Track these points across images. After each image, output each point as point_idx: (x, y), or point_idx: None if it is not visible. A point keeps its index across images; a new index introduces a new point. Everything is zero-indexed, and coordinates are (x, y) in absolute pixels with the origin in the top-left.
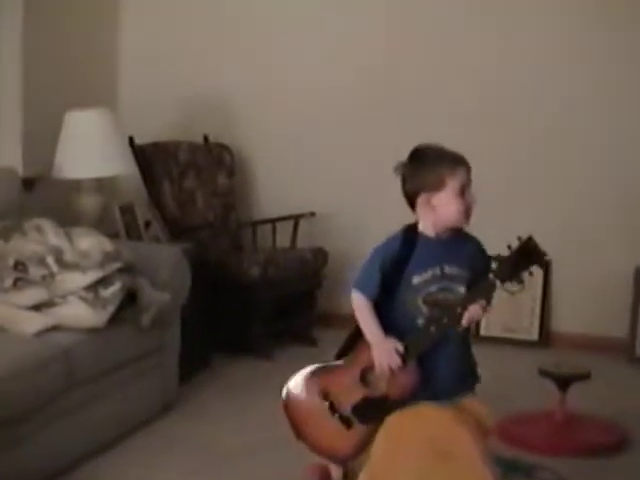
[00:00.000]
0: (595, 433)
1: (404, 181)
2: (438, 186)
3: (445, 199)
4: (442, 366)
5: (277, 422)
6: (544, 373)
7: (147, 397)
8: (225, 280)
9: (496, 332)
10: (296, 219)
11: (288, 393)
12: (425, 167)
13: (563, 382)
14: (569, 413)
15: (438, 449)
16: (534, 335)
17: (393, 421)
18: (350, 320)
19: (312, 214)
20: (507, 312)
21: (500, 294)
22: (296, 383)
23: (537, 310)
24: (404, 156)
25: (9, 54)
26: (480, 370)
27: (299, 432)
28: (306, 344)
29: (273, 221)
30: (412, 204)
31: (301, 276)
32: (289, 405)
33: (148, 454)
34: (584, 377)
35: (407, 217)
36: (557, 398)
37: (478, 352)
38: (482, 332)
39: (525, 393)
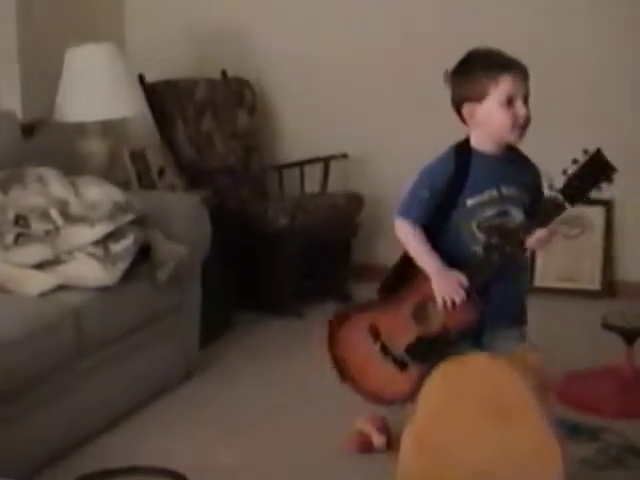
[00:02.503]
0: None
1: (451, 90)
2: (480, 96)
3: (489, 110)
4: (506, 297)
5: (307, 385)
6: (608, 326)
7: (165, 362)
8: (249, 231)
9: (552, 282)
10: (326, 162)
11: (332, 329)
12: (469, 74)
13: (630, 335)
14: (636, 370)
15: (494, 407)
16: (596, 284)
17: (440, 374)
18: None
19: (344, 156)
20: (565, 259)
21: (559, 241)
22: (341, 318)
23: (599, 256)
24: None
25: None
26: (536, 324)
27: (344, 374)
28: (341, 300)
29: (301, 164)
30: (461, 117)
31: (333, 224)
32: (334, 343)
33: (167, 424)
34: None
35: None
36: (624, 353)
37: (533, 305)
38: (536, 282)
39: (587, 349)
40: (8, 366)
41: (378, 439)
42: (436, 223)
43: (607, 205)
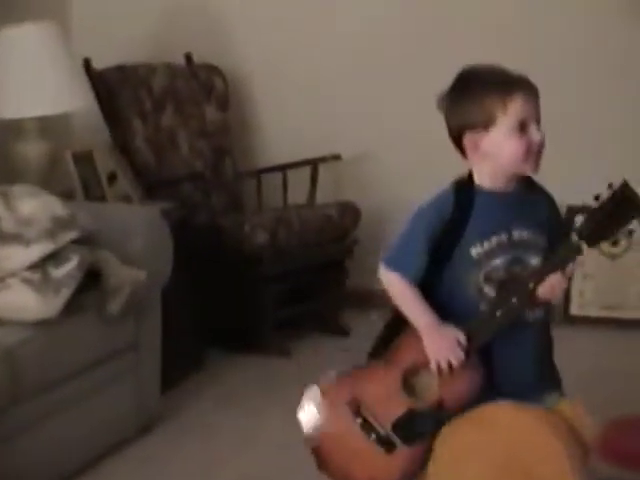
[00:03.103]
0: None
1: (447, 118)
2: (486, 123)
3: (498, 139)
4: (516, 361)
5: (292, 445)
6: None
7: (119, 411)
8: (221, 251)
9: (594, 311)
10: (315, 165)
11: (306, 409)
12: (468, 98)
13: None
14: None
15: (516, 464)
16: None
17: (454, 430)
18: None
19: (337, 157)
20: (608, 283)
21: (598, 260)
22: (316, 394)
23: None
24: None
25: None
26: (571, 363)
27: (322, 459)
28: (334, 333)
29: (284, 168)
30: (460, 148)
31: (324, 241)
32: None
33: None
34: None
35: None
36: None
37: (569, 337)
38: (573, 311)
39: (636, 391)
40: None
41: None
42: (434, 275)
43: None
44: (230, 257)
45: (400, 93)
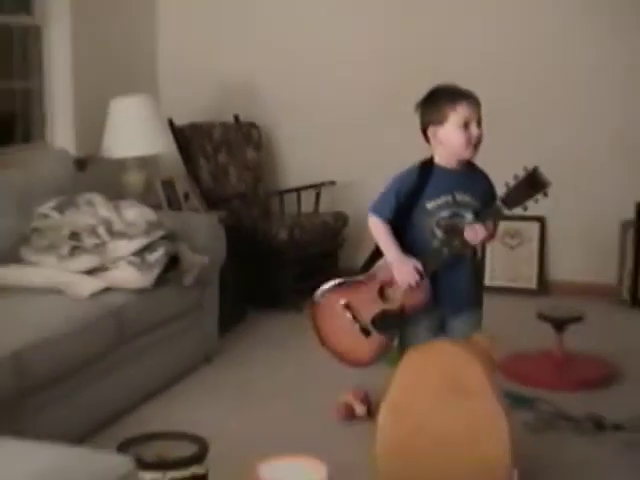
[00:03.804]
0: (588, 369)
1: (420, 117)
2: (442, 120)
3: (448, 132)
4: (453, 285)
5: (307, 366)
6: (542, 317)
7: (190, 349)
8: (256, 243)
9: (500, 282)
10: (318, 188)
11: (314, 303)
12: (432, 103)
13: (559, 324)
14: (565, 352)
15: (454, 384)
16: (533, 284)
17: (412, 356)
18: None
19: (332, 183)
20: (509, 264)
21: (501, 249)
22: (322, 294)
23: (535, 261)
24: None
25: (60, 46)
26: (486, 315)
27: (323, 339)
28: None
29: (297, 190)
30: (426, 138)
31: (323, 238)
32: (315, 314)
33: (192, 399)
34: (578, 319)
35: None
36: (554, 339)
37: (485, 300)
38: (487, 283)
39: (526, 335)
40: (64, 352)
41: (360, 409)
42: (402, 220)
43: (540, 221)
44: (263, 248)
45: (379, 141)
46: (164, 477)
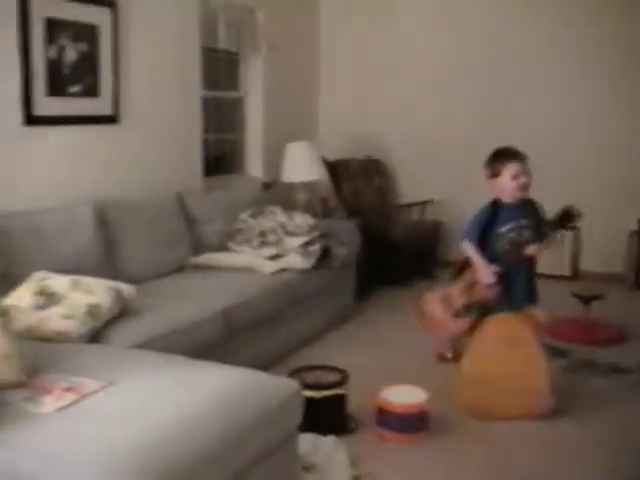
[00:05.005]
0: (606, 331)
1: (486, 171)
2: (497, 174)
3: (502, 183)
4: (516, 286)
5: (415, 326)
6: (574, 295)
7: (335, 311)
8: (381, 240)
9: (546, 271)
10: (422, 204)
11: (421, 305)
12: (492, 162)
13: (586, 300)
14: (590, 319)
15: (511, 339)
16: (568, 272)
17: (484, 326)
18: (455, 265)
19: (432, 201)
20: (552, 258)
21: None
22: (425, 298)
23: (569, 256)
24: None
25: (254, 111)
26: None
27: (421, 318)
28: (430, 278)
29: (409, 205)
30: (491, 185)
31: (426, 237)
32: (422, 313)
33: (335, 345)
34: (599, 297)
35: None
36: (582, 310)
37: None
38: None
39: (563, 307)
40: (255, 309)
41: (450, 355)
42: (484, 241)
43: (574, 229)
44: (385, 243)
45: (466, 170)
46: (319, 394)
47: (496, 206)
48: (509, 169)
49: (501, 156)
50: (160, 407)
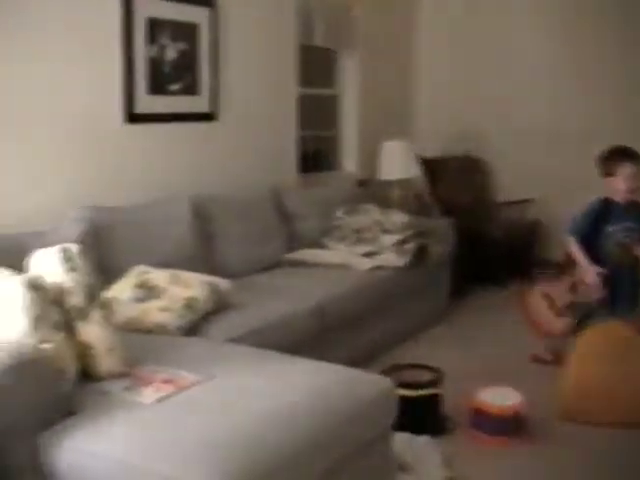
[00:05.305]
0: None
1: (599, 170)
2: (612, 173)
3: (616, 182)
4: (619, 292)
5: (511, 325)
6: None
7: (428, 310)
8: (478, 239)
9: None
10: (522, 202)
11: (523, 299)
12: (607, 161)
13: None
14: None
15: (617, 346)
16: None
17: (593, 329)
18: (554, 264)
19: (531, 200)
20: None
21: None
22: (529, 294)
23: None
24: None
25: (350, 108)
26: None
27: (528, 321)
28: (528, 278)
29: (509, 204)
30: (605, 183)
31: (525, 236)
32: (524, 306)
33: (429, 344)
34: None
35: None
36: None
37: None
38: None
39: None
40: (350, 305)
41: (549, 357)
42: (591, 239)
43: None
44: (483, 242)
45: (567, 171)
46: (414, 393)
47: (607, 204)
48: (623, 170)
49: (617, 155)
50: (257, 401)
